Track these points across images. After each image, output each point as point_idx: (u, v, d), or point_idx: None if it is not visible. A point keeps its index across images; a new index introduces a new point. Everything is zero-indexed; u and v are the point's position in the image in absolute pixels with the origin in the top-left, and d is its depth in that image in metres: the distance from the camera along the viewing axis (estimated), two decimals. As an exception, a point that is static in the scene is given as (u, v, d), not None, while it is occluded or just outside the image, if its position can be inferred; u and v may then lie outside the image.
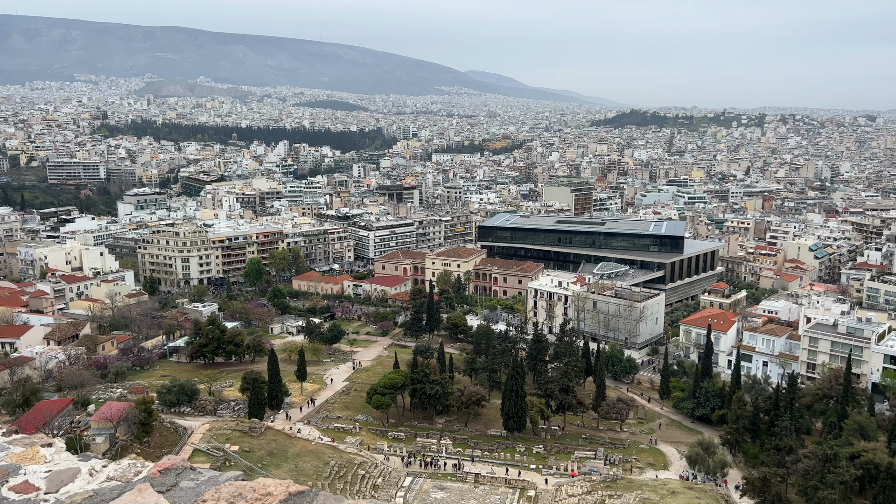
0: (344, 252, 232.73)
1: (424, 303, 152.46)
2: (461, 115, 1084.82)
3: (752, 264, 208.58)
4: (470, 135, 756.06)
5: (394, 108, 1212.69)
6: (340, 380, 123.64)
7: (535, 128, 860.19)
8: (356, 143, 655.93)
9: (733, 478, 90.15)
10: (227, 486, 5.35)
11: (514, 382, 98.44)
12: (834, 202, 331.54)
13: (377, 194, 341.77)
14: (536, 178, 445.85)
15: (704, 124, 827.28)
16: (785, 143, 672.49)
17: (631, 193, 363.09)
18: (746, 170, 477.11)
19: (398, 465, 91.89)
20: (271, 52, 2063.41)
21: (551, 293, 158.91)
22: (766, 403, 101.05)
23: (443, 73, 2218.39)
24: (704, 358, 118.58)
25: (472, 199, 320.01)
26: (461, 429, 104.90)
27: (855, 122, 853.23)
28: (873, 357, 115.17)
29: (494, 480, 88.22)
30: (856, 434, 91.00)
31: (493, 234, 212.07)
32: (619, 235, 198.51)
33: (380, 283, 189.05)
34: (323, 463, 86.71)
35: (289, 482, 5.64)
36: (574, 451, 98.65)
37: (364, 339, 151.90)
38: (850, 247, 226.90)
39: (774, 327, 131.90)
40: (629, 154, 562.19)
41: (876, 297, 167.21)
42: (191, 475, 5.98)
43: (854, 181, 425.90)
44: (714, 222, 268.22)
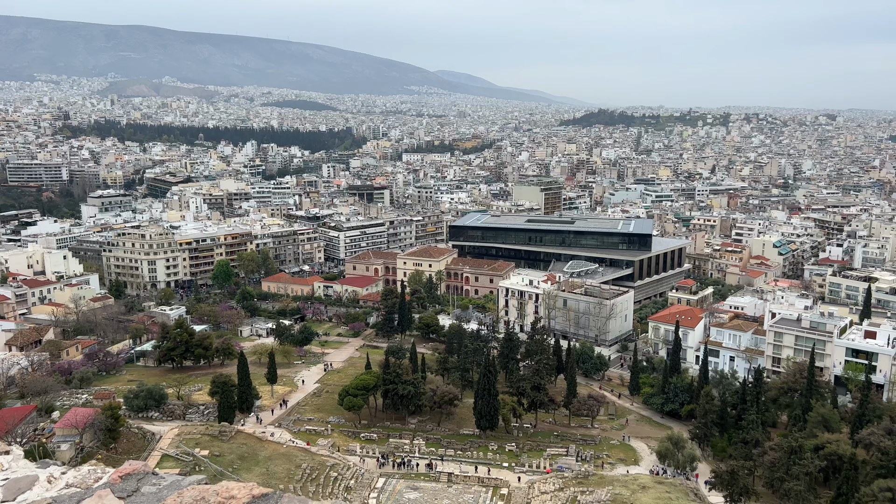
0: (314, 253, 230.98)
1: (396, 303, 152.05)
2: (431, 115, 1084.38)
3: (719, 261, 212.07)
4: (440, 134, 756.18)
5: (363, 108, 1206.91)
6: (312, 382, 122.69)
7: (505, 127, 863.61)
8: (325, 144, 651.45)
9: (703, 471, 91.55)
10: (190, 490, 5.23)
11: (487, 381, 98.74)
12: (797, 199, 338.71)
13: (347, 194, 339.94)
14: (506, 177, 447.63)
15: (671, 123, 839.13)
16: (749, 141, 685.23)
17: (600, 192, 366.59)
18: (712, 168, 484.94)
19: (371, 466, 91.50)
20: (238, 51, 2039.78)
21: (522, 292, 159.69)
22: (734, 398, 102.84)
23: (412, 72, 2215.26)
24: (673, 354, 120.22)
25: (443, 199, 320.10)
26: (434, 428, 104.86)
27: (816, 120, 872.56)
28: (836, 350, 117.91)
29: (467, 479, 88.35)
30: (820, 426, 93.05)
31: (465, 233, 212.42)
32: (588, 234, 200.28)
33: (351, 284, 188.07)
34: (295, 466, 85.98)
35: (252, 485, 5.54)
36: (546, 448, 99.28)
37: (335, 341, 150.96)
38: (813, 243, 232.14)
39: (740, 323, 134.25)
40: (597, 153, 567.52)
41: (837, 291, 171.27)
42: (153, 480, 5.85)
43: (816, 179, 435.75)
44: (681, 220, 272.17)
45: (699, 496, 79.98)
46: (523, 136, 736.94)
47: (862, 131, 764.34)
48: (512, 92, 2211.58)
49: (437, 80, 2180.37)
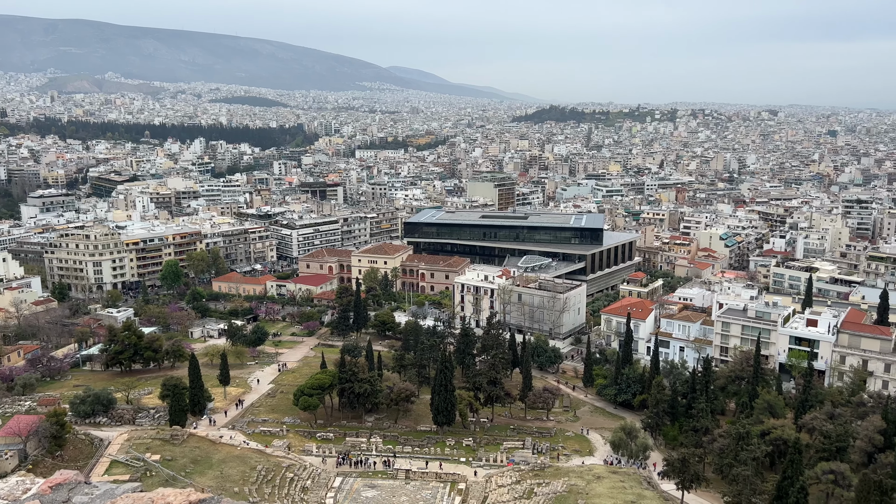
0: (266, 252, 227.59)
1: (351, 301, 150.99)
2: (384, 111, 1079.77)
3: (668, 254, 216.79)
4: (393, 131, 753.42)
5: (315, 104, 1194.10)
6: (266, 382, 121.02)
7: (458, 124, 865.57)
8: (276, 140, 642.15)
9: (655, 460, 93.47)
10: (124, 498, 5.03)
11: (443, 377, 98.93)
12: (741, 193, 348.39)
13: (300, 192, 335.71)
14: (460, 173, 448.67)
15: (620, 119, 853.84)
16: (696, 136, 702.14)
17: (552, 188, 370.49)
18: (660, 163, 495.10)
19: (328, 465, 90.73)
20: (184, 46, 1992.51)
21: (478, 287, 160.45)
22: (684, 387, 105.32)
23: (364, 68, 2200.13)
24: (625, 345, 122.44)
25: (398, 196, 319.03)
26: (391, 426, 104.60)
27: (759, 116, 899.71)
28: (780, 339, 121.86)
29: (425, 475, 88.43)
30: (766, 412, 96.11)
31: (420, 230, 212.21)
32: (541, 229, 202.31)
33: (304, 283, 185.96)
34: (249, 468, 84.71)
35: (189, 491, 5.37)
36: (503, 441, 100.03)
37: (289, 341, 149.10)
38: (757, 235, 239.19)
39: (689, 314, 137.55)
40: (549, 149, 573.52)
41: (781, 281, 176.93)
42: (85, 489, 5.61)
43: (759, 172, 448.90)
44: (631, 214, 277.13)
45: (652, 484, 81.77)
46: (476, 133, 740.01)
47: (802, 126, 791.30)
48: (464, 88, 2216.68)
49: (389, 76, 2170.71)
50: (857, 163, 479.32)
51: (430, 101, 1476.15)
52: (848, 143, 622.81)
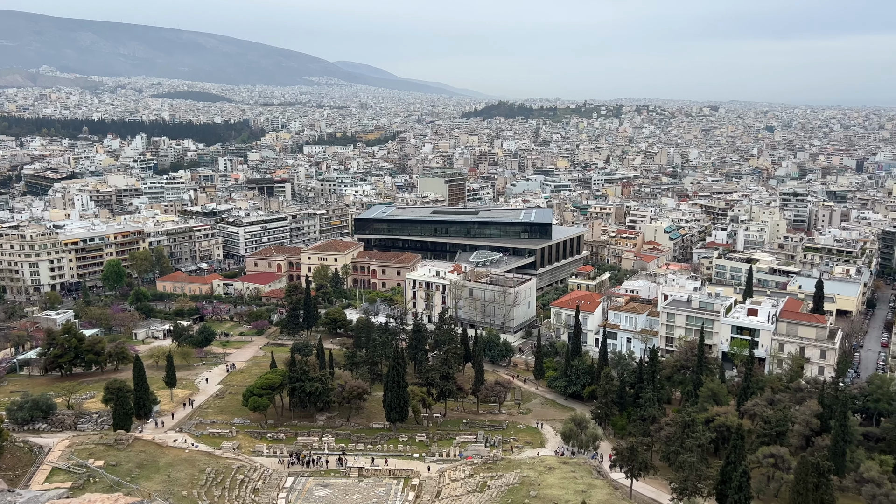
0: (212, 250, 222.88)
1: (301, 299, 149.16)
2: (332, 107, 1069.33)
3: (615, 247, 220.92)
4: (342, 126, 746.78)
5: (261, 99, 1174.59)
6: (214, 383, 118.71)
7: (408, 119, 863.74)
8: (221, 136, 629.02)
9: (605, 449, 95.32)
10: (55, 506, 4.80)
11: (396, 373, 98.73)
12: (685, 187, 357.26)
13: (246, 188, 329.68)
14: (411, 169, 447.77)
15: (567, 115, 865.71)
16: (640, 132, 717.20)
17: (502, 183, 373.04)
18: (606, 158, 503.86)
19: (279, 466, 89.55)
20: (124, 39, 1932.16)
21: (429, 283, 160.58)
22: (631, 377, 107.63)
23: (311, 63, 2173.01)
24: (574, 338, 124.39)
25: (347, 192, 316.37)
26: (343, 424, 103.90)
27: (701, 112, 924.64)
28: (722, 328, 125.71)
29: (378, 472, 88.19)
30: (710, 400, 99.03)
31: (370, 226, 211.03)
32: (492, 224, 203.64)
33: (252, 281, 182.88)
34: (198, 471, 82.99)
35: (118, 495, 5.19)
36: (456, 436, 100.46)
37: (238, 340, 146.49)
38: (700, 228, 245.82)
39: (636, 305, 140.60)
40: (499, 145, 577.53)
41: (723, 273, 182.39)
42: (8, 498, 5.35)
43: (701, 167, 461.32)
44: (579, 209, 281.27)
45: (602, 473, 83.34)
46: (426, 128, 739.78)
47: (742, 122, 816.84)
48: (413, 83, 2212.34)
49: (337, 70, 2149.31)
50: (794, 157, 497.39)
51: (379, 96, 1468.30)
52: (784, 138, 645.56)
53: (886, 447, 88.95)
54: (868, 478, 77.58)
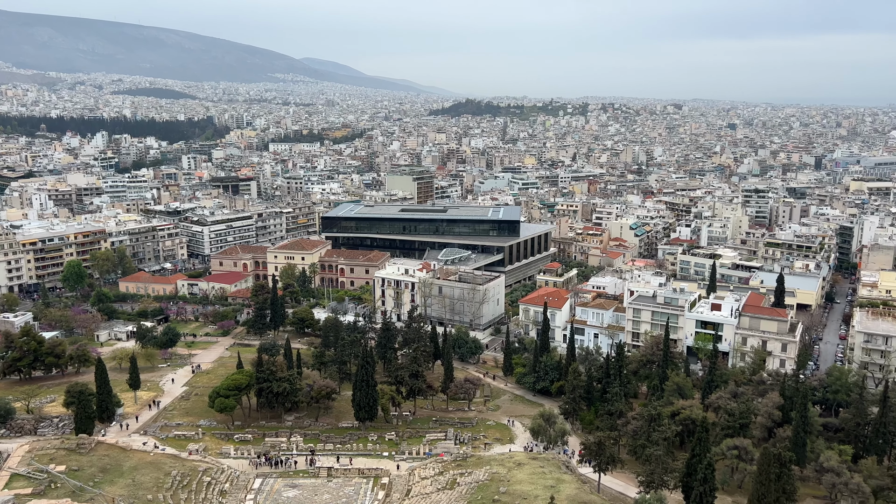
0: (176, 250, 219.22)
1: (268, 298, 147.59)
2: (298, 104, 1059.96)
3: (581, 244, 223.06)
4: (308, 123, 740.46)
5: (225, 96, 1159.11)
6: (179, 385, 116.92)
7: (375, 117, 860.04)
8: (185, 134, 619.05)
9: (573, 444, 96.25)
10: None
11: (365, 372, 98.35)
12: (649, 184, 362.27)
13: (210, 187, 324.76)
14: (379, 167, 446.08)
15: (534, 113, 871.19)
16: (606, 130, 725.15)
17: (470, 181, 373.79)
18: (573, 156, 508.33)
19: (247, 467, 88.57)
20: (83, 35, 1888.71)
21: (398, 281, 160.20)
22: (599, 372, 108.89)
23: (277, 59, 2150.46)
24: (542, 334, 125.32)
25: (314, 190, 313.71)
26: (312, 424, 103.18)
27: (665, 110, 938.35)
28: (687, 323, 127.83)
29: (348, 472, 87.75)
30: (675, 394, 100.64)
31: (338, 224, 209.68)
32: (460, 222, 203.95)
33: (218, 281, 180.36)
34: (164, 474, 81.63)
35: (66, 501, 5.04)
36: (425, 434, 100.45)
37: (203, 341, 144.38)
38: (665, 224, 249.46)
39: (603, 301, 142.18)
40: (466, 143, 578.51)
41: (687, 268, 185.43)
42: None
43: (666, 164, 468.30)
44: (546, 206, 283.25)
45: (570, 468, 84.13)
46: (394, 126, 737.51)
47: (705, 120, 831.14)
48: (380, 81, 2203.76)
49: (303, 67, 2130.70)
50: (755, 154, 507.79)
51: (346, 93, 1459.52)
52: (746, 135, 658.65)
53: (845, 437, 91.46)
54: (828, 467, 79.63)
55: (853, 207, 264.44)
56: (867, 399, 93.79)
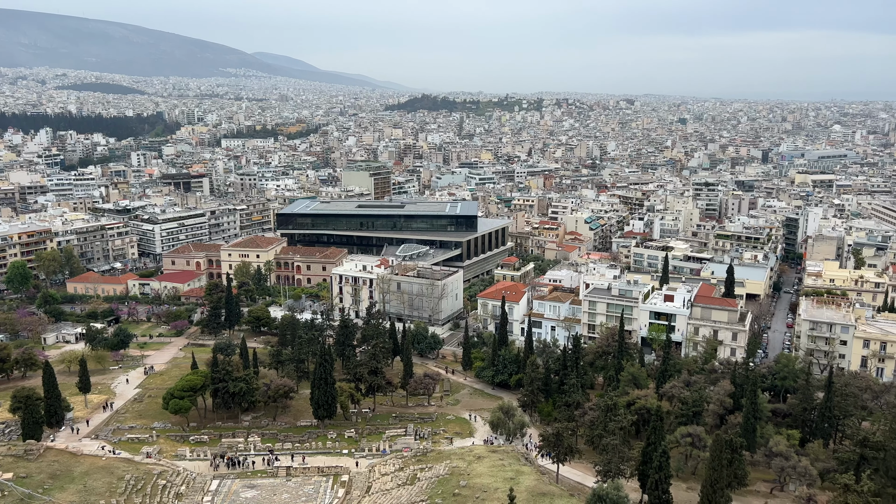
0: (126, 249, 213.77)
1: (222, 297, 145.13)
2: (251, 99, 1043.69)
3: (538, 238, 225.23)
4: (262, 119, 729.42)
5: (175, 92, 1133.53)
6: (132, 387, 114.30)
7: (330, 112, 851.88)
8: (134, 130, 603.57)
9: (533, 436, 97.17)
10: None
11: (323, 370, 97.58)
12: (603, 178, 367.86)
13: (161, 184, 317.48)
14: (335, 162, 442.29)
15: (490, 108, 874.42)
16: (560, 125, 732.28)
17: (427, 176, 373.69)
18: (529, 151, 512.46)
19: (203, 469, 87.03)
20: (24, 28, 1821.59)
21: (356, 278, 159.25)
22: (556, 364, 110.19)
23: (228, 54, 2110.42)
24: (500, 328, 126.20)
25: (269, 186, 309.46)
26: (270, 423, 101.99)
27: (618, 105, 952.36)
28: (641, 314, 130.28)
29: (307, 471, 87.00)
30: (631, 384, 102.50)
31: (293, 221, 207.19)
32: (418, 217, 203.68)
33: (170, 280, 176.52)
34: (117, 478, 79.77)
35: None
36: (385, 430, 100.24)
37: (156, 342, 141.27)
38: (619, 218, 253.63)
39: (559, 294, 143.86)
40: (423, 138, 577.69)
41: (641, 260, 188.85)
42: None
43: (619, 159, 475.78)
44: (503, 201, 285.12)
45: (529, 460, 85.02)
46: (349, 121, 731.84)
47: (656, 115, 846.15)
48: (335, 76, 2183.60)
49: (255, 62, 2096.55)
50: (705, 148, 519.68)
51: (300, 88, 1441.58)
52: (696, 130, 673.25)
53: (793, 422, 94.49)
54: (777, 452, 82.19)
55: (798, 199, 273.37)
56: (813, 385, 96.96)
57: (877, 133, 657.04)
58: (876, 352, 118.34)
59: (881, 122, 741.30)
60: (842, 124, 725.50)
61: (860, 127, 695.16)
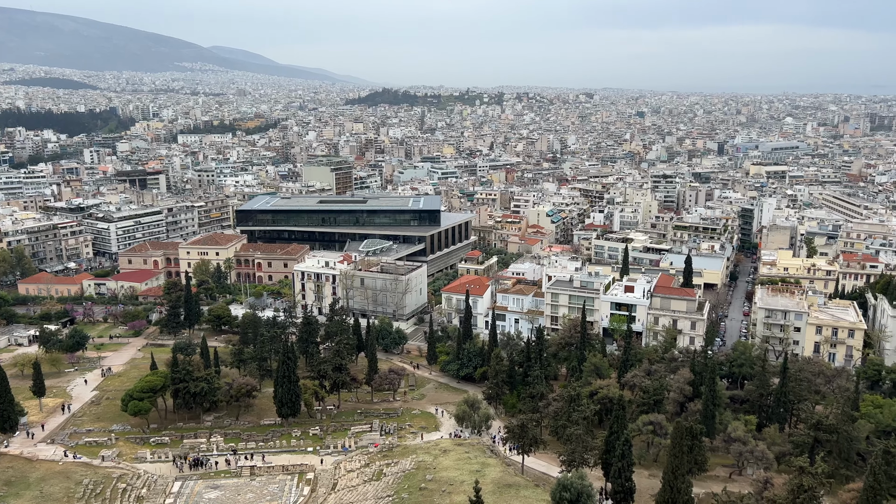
0: (81, 248, 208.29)
1: (181, 296, 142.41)
2: (208, 94, 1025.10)
3: (501, 232, 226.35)
4: (219, 114, 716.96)
5: (129, 87, 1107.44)
6: (89, 390, 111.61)
7: (290, 106, 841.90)
8: (86, 126, 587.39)
9: (497, 428, 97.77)
10: None
11: (286, 368, 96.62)
12: (564, 172, 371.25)
13: (116, 181, 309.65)
14: (295, 158, 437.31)
15: (451, 103, 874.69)
16: (521, 119, 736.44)
17: (389, 171, 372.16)
18: (490, 145, 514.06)
19: (165, 471, 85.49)
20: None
21: (319, 274, 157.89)
22: (520, 356, 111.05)
23: (184, 48, 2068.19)
24: (465, 321, 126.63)
25: (228, 183, 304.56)
26: (232, 423, 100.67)
27: (577, 99, 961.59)
28: (603, 305, 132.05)
29: (271, 469, 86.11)
30: (593, 374, 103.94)
31: (254, 217, 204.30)
32: (381, 212, 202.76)
33: (127, 280, 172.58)
34: (74, 483, 77.88)
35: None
36: (350, 426, 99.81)
37: (114, 343, 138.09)
38: (580, 210, 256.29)
39: (522, 287, 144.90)
40: (385, 132, 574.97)
41: (601, 252, 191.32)
42: None
43: (579, 152, 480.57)
44: (466, 195, 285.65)
45: (495, 452, 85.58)
46: (309, 116, 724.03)
47: (615, 108, 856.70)
48: (294, 70, 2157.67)
49: (212, 56, 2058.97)
50: (663, 141, 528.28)
51: (258, 82, 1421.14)
52: (654, 123, 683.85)
53: (750, 408, 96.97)
54: (735, 437, 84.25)
55: (753, 190, 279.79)
56: (769, 371, 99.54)
57: (827, 125, 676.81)
58: (828, 337, 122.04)
59: (831, 114, 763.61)
60: (794, 117, 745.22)
61: (811, 119, 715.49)
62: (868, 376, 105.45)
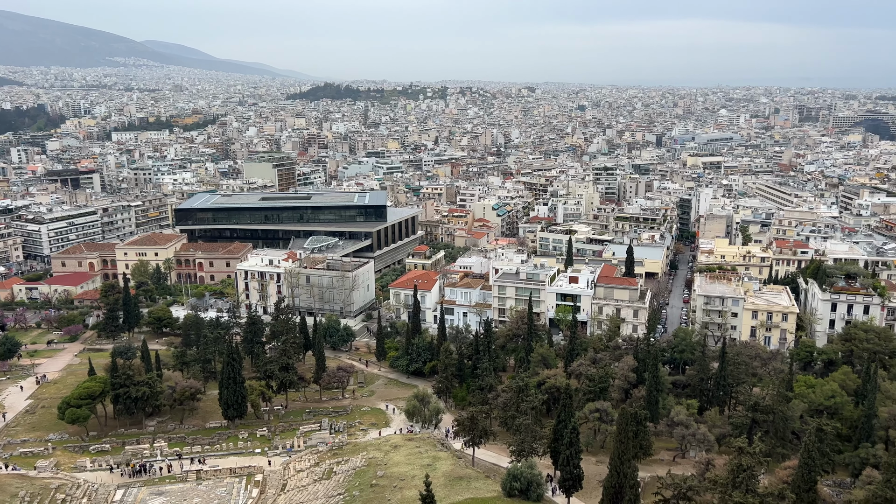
0: (10, 251, 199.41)
1: (119, 299, 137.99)
2: (142, 89, 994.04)
3: (447, 226, 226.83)
4: (155, 110, 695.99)
5: (58, 82, 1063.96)
6: (23, 399, 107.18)
7: (228, 102, 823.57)
8: (12, 124, 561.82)
9: (447, 422, 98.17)
10: None
11: (231, 369, 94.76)
12: (509, 165, 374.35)
13: (46, 181, 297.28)
14: (235, 154, 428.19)
15: (395, 97, 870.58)
16: (465, 113, 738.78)
17: (333, 166, 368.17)
18: (435, 139, 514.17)
19: (106, 479, 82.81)
20: None
21: (263, 273, 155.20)
22: (469, 350, 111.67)
23: (115, 42, 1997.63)
24: (413, 316, 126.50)
25: (165, 181, 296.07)
26: (177, 427, 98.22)
27: (520, 93, 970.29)
28: (548, 296, 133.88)
29: (218, 473, 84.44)
30: (541, 364, 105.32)
31: (193, 216, 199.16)
32: (326, 209, 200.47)
33: (61, 283, 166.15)
34: (10, 496, 74.65)
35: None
36: (299, 426, 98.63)
37: (48, 349, 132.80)
38: (524, 203, 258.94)
39: (470, 281, 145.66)
40: (328, 127, 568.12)
41: (546, 244, 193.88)
42: None
43: (523, 146, 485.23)
44: (412, 190, 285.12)
45: (446, 445, 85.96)
46: (249, 111, 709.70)
47: (557, 102, 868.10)
48: (232, 64, 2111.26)
49: (145, 50, 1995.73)
50: (603, 134, 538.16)
51: (195, 77, 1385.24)
52: (595, 116, 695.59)
53: (691, 392, 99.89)
54: (678, 421, 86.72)
55: (690, 181, 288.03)
56: (708, 356, 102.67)
57: (758, 116, 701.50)
58: (763, 322, 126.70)
59: (762, 106, 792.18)
60: (727, 109, 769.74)
61: (744, 111, 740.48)
62: (801, 358, 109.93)
